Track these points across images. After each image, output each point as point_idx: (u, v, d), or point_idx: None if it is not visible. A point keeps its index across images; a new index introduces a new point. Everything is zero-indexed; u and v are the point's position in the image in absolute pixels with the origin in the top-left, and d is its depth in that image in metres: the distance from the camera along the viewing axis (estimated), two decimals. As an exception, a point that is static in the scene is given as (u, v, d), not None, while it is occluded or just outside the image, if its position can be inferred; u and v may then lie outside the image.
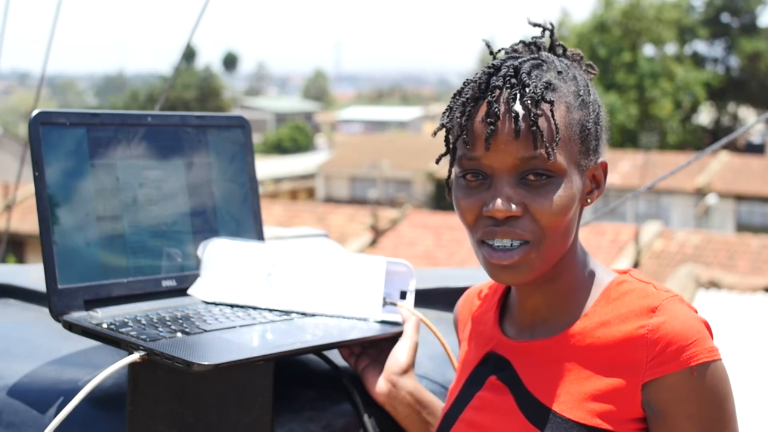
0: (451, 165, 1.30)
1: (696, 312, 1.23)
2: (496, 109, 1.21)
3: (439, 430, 1.38)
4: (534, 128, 1.20)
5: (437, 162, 1.37)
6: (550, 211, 1.22)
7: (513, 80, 1.23)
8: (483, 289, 1.48)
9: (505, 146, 1.21)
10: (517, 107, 1.21)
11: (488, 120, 1.21)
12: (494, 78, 1.24)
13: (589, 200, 1.30)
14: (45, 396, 1.42)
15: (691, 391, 1.18)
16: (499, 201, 1.21)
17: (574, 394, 1.23)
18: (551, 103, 1.22)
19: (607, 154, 1.33)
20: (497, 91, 1.23)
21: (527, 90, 1.22)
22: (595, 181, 1.31)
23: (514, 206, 1.21)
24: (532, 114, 1.20)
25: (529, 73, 1.24)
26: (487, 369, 1.35)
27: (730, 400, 1.21)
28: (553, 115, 1.22)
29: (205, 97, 45.82)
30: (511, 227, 1.22)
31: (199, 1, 3.17)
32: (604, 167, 1.31)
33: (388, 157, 32.78)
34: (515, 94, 1.22)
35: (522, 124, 1.20)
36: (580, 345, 1.25)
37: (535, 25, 1.37)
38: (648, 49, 35.60)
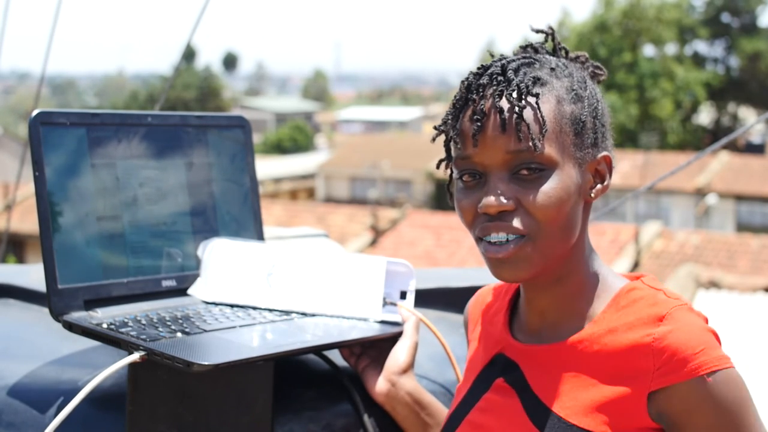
0: (449, 168, 1.30)
1: (706, 321, 1.22)
2: (482, 106, 1.22)
3: (445, 430, 1.38)
4: (518, 120, 1.20)
5: (437, 167, 1.37)
6: (543, 204, 1.21)
7: (500, 78, 1.24)
8: (499, 287, 1.46)
9: (492, 141, 1.22)
10: (503, 102, 1.22)
11: (475, 117, 1.22)
12: (482, 77, 1.26)
13: (593, 195, 1.28)
14: (45, 396, 1.42)
15: (704, 401, 1.17)
16: (490, 198, 1.22)
17: (581, 401, 1.23)
18: (537, 96, 1.22)
19: (612, 150, 1.31)
20: (483, 89, 1.24)
21: (512, 85, 1.23)
22: (599, 176, 1.29)
23: (505, 200, 1.21)
24: (516, 107, 1.21)
25: (516, 70, 1.25)
26: (495, 371, 1.34)
27: (749, 408, 1.19)
28: (539, 108, 1.22)
29: (205, 97, 45.80)
30: (504, 221, 1.22)
31: (199, 1, 3.17)
32: (608, 161, 1.29)
33: (388, 157, 32.77)
34: (501, 90, 1.23)
35: (507, 118, 1.21)
36: (587, 351, 1.25)
37: (537, 31, 1.37)
38: (648, 49, 35.59)
